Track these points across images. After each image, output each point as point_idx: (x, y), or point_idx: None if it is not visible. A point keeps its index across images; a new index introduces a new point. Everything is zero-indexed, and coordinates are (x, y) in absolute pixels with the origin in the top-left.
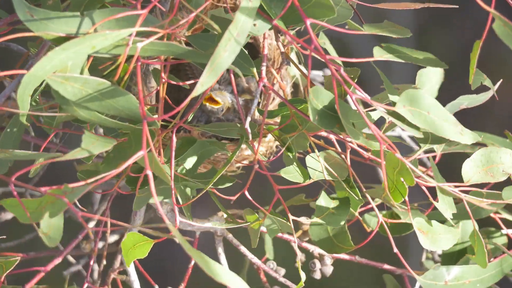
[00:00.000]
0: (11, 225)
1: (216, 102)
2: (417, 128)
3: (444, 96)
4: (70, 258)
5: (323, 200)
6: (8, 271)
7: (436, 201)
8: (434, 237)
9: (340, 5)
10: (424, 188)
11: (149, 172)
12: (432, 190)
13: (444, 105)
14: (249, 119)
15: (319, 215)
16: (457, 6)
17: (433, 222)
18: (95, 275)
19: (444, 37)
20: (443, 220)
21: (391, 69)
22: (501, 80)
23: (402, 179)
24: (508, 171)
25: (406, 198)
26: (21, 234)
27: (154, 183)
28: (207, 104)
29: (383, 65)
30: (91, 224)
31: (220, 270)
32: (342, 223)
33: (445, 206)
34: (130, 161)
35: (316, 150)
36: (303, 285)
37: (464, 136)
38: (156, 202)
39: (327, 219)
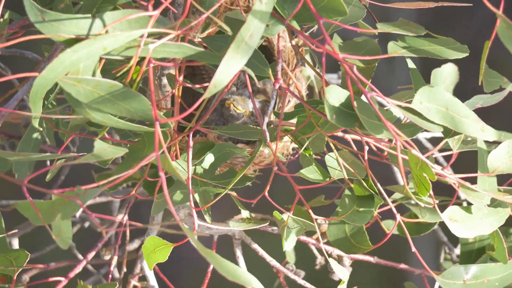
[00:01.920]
0: (32, 237)
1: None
2: (434, 124)
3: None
4: (90, 268)
5: (348, 198)
6: (19, 270)
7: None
8: (470, 224)
9: (353, 4)
10: (449, 180)
11: (162, 174)
12: (447, 188)
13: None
14: (266, 120)
15: (344, 213)
16: (471, 5)
17: (472, 207)
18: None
19: (448, 36)
20: None
21: (395, 69)
22: None
23: (425, 175)
24: None
25: (431, 192)
26: (42, 246)
27: (172, 187)
28: (231, 107)
29: (388, 65)
30: (111, 233)
31: (234, 269)
32: (368, 220)
33: (485, 188)
34: (143, 163)
35: (334, 150)
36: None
37: (485, 133)
38: (169, 204)
39: (352, 217)
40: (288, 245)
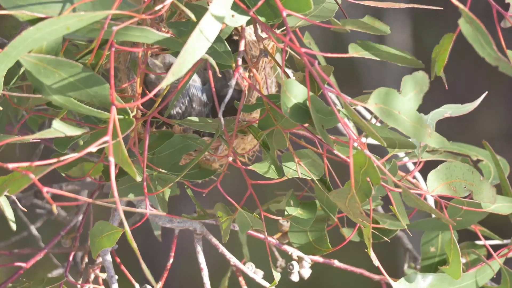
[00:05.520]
0: None
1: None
2: (379, 140)
3: (436, 97)
4: (56, 262)
5: (292, 200)
6: None
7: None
8: None
9: (325, 3)
10: (388, 192)
11: (111, 159)
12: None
13: (429, 110)
14: (223, 108)
15: (289, 215)
16: (441, 8)
17: None
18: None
19: (439, 33)
20: None
21: (386, 71)
22: (486, 92)
23: (368, 179)
24: (470, 189)
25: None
26: (7, 236)
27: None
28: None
29: (381, 67)
30: (74, 222)
31: None
32: (310, 225)
33: (400, 213)
34: (93, 146)
35: (291, 148)
36: (276, 283)
37: (431, 139)
38: (114, 191)
39: (296, 219)
40: (225, 238)
